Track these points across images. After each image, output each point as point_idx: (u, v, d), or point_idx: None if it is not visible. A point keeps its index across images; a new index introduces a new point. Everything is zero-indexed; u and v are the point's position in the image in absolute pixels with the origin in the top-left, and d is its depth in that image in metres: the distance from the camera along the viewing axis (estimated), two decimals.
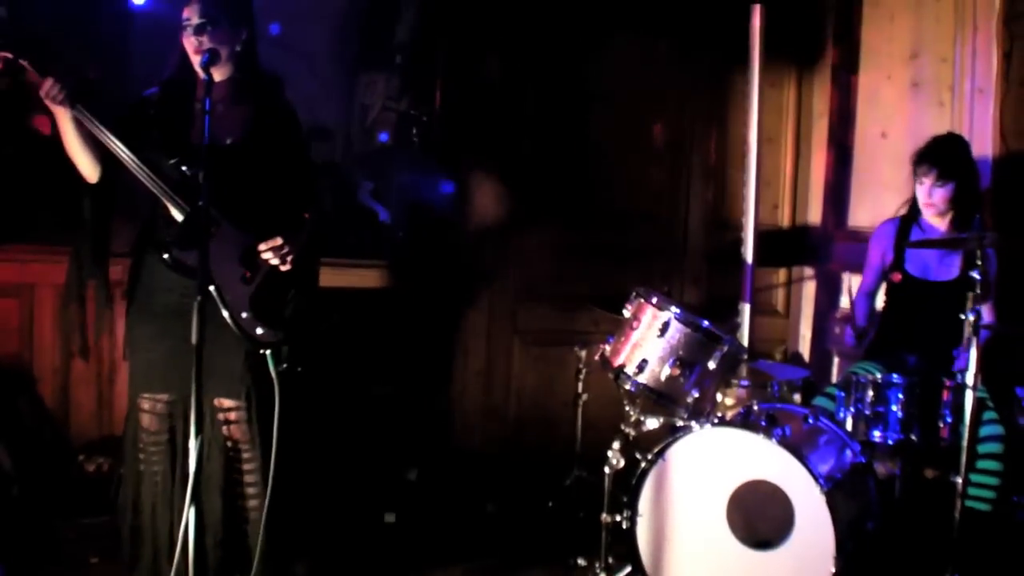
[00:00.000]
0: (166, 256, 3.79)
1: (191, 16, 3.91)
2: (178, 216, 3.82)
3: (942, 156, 5.00)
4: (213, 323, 3.68)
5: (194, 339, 3.33)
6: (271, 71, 4.23)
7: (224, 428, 4.03)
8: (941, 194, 5.00)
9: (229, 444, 4.05)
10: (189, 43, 3.92)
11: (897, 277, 5.16)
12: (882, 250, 5.28)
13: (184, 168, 3.80)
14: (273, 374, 3.93)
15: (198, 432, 3.37)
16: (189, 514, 3.43)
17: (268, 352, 3.94)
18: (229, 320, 3.88)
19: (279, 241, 3.94)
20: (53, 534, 4.92)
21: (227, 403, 4.01)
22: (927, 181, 5.01)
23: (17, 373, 5.49)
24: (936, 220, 5.09)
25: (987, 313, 4.93)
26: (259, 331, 3.93)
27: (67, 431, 5.60)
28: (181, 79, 4.02)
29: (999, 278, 5.05)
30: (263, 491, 4.03)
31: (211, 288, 3.82)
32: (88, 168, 3.91)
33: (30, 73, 3.66)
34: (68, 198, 4.31)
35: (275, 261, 3.96)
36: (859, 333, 5.26)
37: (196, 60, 3.86)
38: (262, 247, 3.93)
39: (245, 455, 4.07)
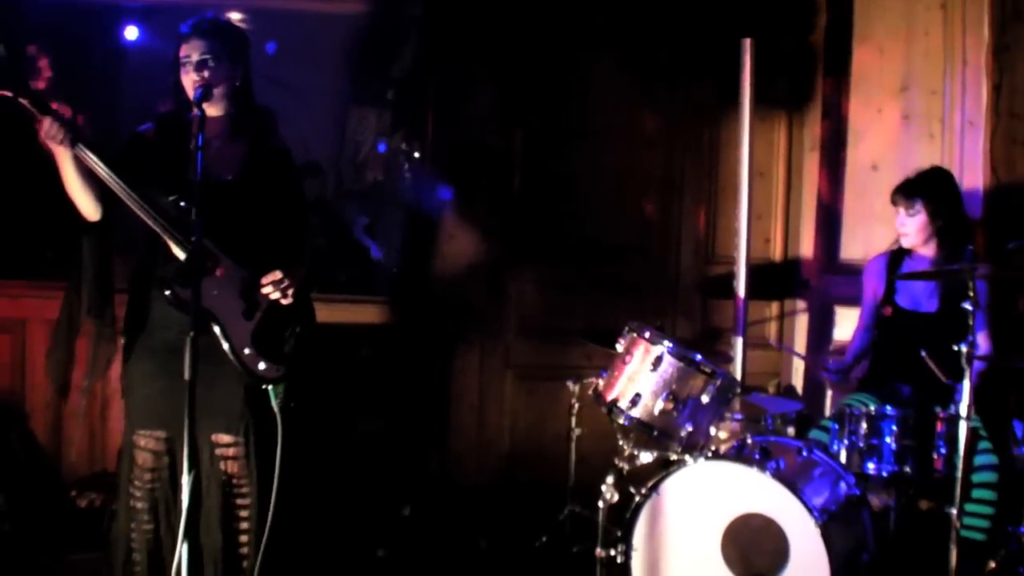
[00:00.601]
0: (168, 292, 3.75)
1: (191, 53, 3.91)
2: (179, 253, 3.80)
3: (911, 187, 5.08)
4: (212, 359, 3.68)
5: (187, 375, 3.33)
6: (264, 106, 4.23)
7: (222, 464, 4.00)
8: (911, 223, 5.07)
9: (226, 479, 4.01)
10: (188, 79, 3.91)
11: (887, 311, 5.19)
12: (873, 285, 5.31)
13: (183, 204, 3.76)
14: (276, 409, 3.93)
15: (191, 468, 3.36)
16: (182, 550, 3.42)
17: (270, 387, 3.94)
18: (232, 356, 3.87)
19: (279, 275, 3.94)
20: (44, 570, 4.90)
21: (225, 439, 3.98)
22: (899, 211, 5.09)
23: (9, 408, 5.48)
24: (922, 250, 5.12)
25: (983, 343, 4.95)
26: (262, 366, 3.93)
27: (59, 467, 5.60)
28: (176, 115, 4.02)
29: (993, 308, 5.07)
30: (256, 526, 4.01)
31: (216, 325, 3.83)
32: (89, 207, 3.87)
33: (29, 112, 3.64)
34: (63, 234, 4.29)
35: (276, 295, 3.95)
36: (839, 369, 5.28)
37: (193, 96, 3.84)
38: (263, 281, 3.93)
39: (242, 490, 4.03)
